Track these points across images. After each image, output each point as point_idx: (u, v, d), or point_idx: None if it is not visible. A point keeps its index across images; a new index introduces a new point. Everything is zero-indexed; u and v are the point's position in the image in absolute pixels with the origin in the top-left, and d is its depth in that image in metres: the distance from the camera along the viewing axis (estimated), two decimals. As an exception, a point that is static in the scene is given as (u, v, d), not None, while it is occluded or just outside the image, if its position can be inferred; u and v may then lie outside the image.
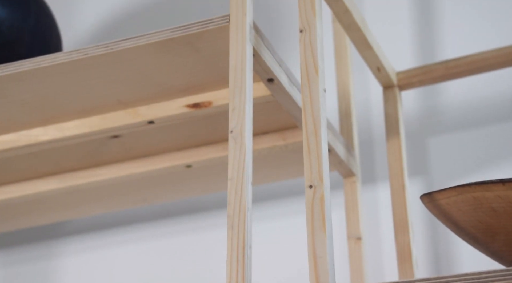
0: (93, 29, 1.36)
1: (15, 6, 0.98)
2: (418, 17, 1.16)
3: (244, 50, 0.78)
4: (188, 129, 0.97)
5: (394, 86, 1.01)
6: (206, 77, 0.89)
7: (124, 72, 0.87)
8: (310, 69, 0.77)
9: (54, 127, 0.94)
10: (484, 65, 0.96)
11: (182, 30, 0.82)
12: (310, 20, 0.78)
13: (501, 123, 1.06)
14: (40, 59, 0.84)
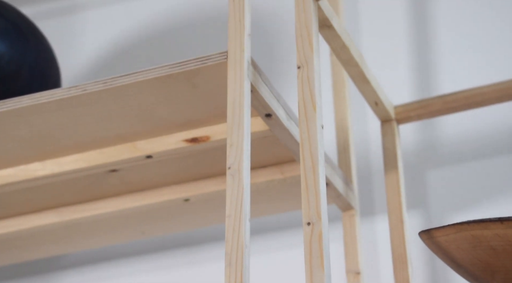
0: (92, 62, 1.36)
1: (14, 41, 0.99)
2: (416, 51, 1.16)
3: (242, 87, 0.78)
4: (186, 163, 0.97)
5: (392, 120, 1.01)
6: (204, 112, 0.89)
7: (122, 107, 0.87)
8: (308, 106, 0.77)
9: (52, 162, 0.94)
10: (482, 99, 0.97)
11: (180, 66, 0.82)
12: (307, 57, 0.79)
13: (499, 156, 1.06)
14: (38, 95, 0.84)
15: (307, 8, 0.80)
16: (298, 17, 0.81)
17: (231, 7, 0.82)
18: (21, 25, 1.00)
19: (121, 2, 1.40)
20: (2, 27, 0.98)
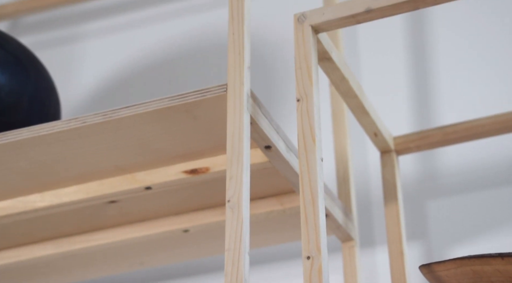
0: (92, 91, 1.37)
1: (14, 72, 0.99)
2: (415, 82, 1.16)
3: (241, 120, 0.78)
4: (185, 194, 0.97)
5: (391, 151, 1.01)
6: (203, 144, 0.89)
7: (122, 139, 0.87)
8: (308, 139, 0.77)
9: (51, 193, 0.93)
10: (482, 131, 0.97)
11: (180, 98, 0.82)
12: (307, 90, 0.79)
13: (500, 188, 1.06)
14: (38, 127, 0.84)
15: (306, 41, 0.81)
16: (297, 50, 0.81)
17: (230, 39, 0.82)
18: (21, 56, 1.01)
19: (121, 32, 1.40)
20: (2, 59, 0.98)
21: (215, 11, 1.36)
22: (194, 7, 1.38)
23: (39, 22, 1.46)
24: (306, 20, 0.81)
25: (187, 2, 1.39)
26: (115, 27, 1.41)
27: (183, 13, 1.38)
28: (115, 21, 1.42)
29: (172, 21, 1.38)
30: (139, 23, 1.40)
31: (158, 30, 1.38)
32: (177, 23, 1.38)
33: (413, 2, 0.75)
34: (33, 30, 1.46)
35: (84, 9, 1.44)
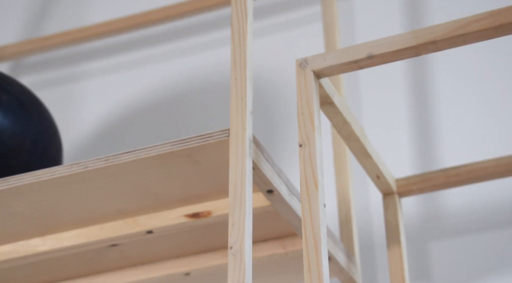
0: (93, 130, 1.37)
1: (17, 115, 0.99)
2: (417, 124, 1.16)
3: (244, 165, 0.78)
4: (186, 237, 0.96)
5: (393, 193, 1.01)
6: (205, 188, 0.89)
7: (123, 183, 0.87)
8: (310, 184, 0.77)
9: (53, 238, 0.93)
10: (484, 174, 0.96)
11: (182, 143, 0.82)
12: (309, 135, 0.79)
13: (503, 229, 1.05)
14: (40, 172, 0.84)
15: (308, 86, 0.81)
16: (299, 95, 0.81)
17: (233, 85, 0.82)
18: (23, 98, 1.01)
19: (122, 72, 1.41)
20: (5, 102, 0.99)
21: (216, 50, 1.37)
22: (196, 47, 1.38)
23: (41, 62, 1.47)
24: (308, 65, 0.81)
25: (188, 42, 1.39)
26: (117, 66, 1.42)
27: (184, 52, 1.39)
28: (116, 60, 1.43)
29: (173, 60, 1.39)
30: (140, 63, 1.41)
31: (159, 69, 1.38)
32: (178, 63, 1.38)
33: (415, 49, 0.75)
34: (34, 70, 1.46)
35: (85, 49, 1.45)
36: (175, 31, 1.41)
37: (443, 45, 0.74)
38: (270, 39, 1.32)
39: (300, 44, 1.30)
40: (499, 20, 0.68)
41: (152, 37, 1.42)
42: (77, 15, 1.48)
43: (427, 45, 0.74)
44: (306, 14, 1.33)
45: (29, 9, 1.53)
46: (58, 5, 1.51)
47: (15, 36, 1.49)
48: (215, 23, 1.39)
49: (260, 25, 1.33)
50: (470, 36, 0.71)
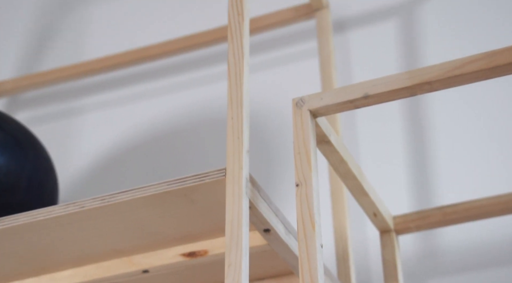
0: (89, 166, 1.36)
1: (13, 153, 0.99)
2: (414, 161, 1.16)
3: (240, 205, 0.78)
4: (183, 276, 0.95)
5: (391, 230, 1.01)
6: (201, 227, 0.88)
7: (119, 222, 0.86)
8: (307, 225, 0.77)
9: (48, 277, 0.92)
10: (482, 212, 0.96)
11: (178, 183, 0.82)
12: (306, 175, 0.79)
13: (500, 268, 1.05)
14: (35, 212, 0.84)
15: (305, 125, 0.81)
16: (296, 134, 0.81)
17: (229, 124, 0.82)
18: (19, 136, 1.01)
19: (118, 107, 1.41)
20: (1, 140, 0.98)
21: (213, 85, 1.37)
22: (192, 82, 1.39)
23: (37, 97, 1.47)
24: (304, 104, 0.81)
25: (185, 76, 1.40)
26: (113, 101, 1.42)
27: (181, 87, 1.39)
28: (112, 95, 1.43)
29: (170, 95, 1.39)
30: (136, 98, 1.41)
31: (155, 105, 1.38)
32: (175, 97, 1.38)
33: (410, 89, 0.75)
34: (31, 105, 1.47)
35: (82, 84, 1.45)
36: (171, 66, 1.41)
37: (439, 86, 0.74)
38: (267, 75, 1.33)
39: (296, 79, 1.30)
40: (494, 61, 0.69)
41: (148, 72, 1.42)
42: (74, 50, 1.48)
43: (422, 85, 0.74)
44: (302, 49, 1.34)
45: (25, 45, 1.53)
46: (55, 41, 1.51)
47: (12, 72, 1.50)
48: (211, 58, 1.39)
49: (255, 60, 1.34)
50: (465, 77, 0.71)
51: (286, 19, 1.30)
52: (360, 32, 1.30)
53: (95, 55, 1.44)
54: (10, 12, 1.58)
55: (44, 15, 1.55)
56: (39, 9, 1.56)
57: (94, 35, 1.49)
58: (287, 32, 1.36)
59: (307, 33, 1.34)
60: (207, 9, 1.42)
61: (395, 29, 1.28)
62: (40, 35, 1.53)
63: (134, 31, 1.46)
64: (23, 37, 1.54)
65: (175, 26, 1.42)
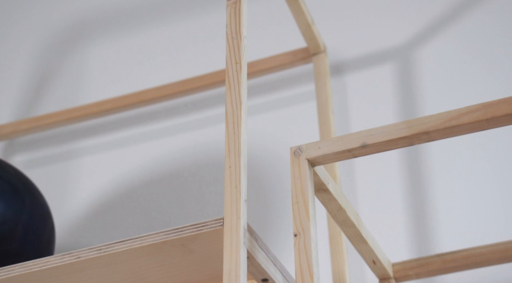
0: (86, 210, 1.36)
1: (9, 200, 0.98)
2: (413, 208, 1.16)
3: (238, 255, 0.77)
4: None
5: (390, 278, 1.00)
6: (199, 276, 0.87)
7: (116, 273, 0.85)
8: (305, 275, 0.76)
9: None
10: (481, 260, 0.95)
11: (176, 232, 0.81)
12: (304, 225, 0.78)
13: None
14: (31, 263, 0.83)
15: (303, 174, 0.81)
16: (294, 183, 0.81)
17: (227, 173, 0.82)
18: (16, 184, 1.00)
19: (115, 150, 1.41)
20: (-2, 188, 0.98)
21: (210, 128, 1.37)
22: (189, 125, 1.39)
23: (35, 140, 1.47)
24: (302, 153, 0.81)
25: (182, 119, 1.40)
26: (110, 144, 1.42)
27: (179, 130, 1.39)
28: (109, 138, 1.43)
29: (168, 138, 1.39)
30: (133, 141, 1.41)
31: (152, 147, 1.38)
32: (173, 140, 1.38)
33: (408, 139, 0.75)
34: (28, 149, 1.46)
35: (79, 127, 1.45)
36: (168, 109, 1.42)
37: (436, 136, 0.74)
38: (264, 118, 1.33)
39: (294, 123, 1.30)
40: (491, 113, 0.69)
41: (145, 115, 1.42)
42: (71, 94, 1.49)
43: (420, 135, 0.74)
44: (300, 92, 1.34)
45: (22, 89, 1.53)
46: (52, 85, 1.52)
47: (10, 116, 1.50)
48: (208, 101, 1.40)
49: (253, 103, 1.34)
50: (462, 127, 0.72)
51: (284, 63, 1.31)
52: (357, 75, 1.31)
53: (93, 99, 1.44)
54: (7, 57, 1.59)
55: (41, 60, 1.56)
56: (36, 54, 1.57)
57: (92, 79, 1.49)
58: (284, 74, 1.36)
59: (304, 75, 1.35)
60: (205, 53, 1.42)
61: (391, 73, 1.29)
62: (38, 79, 1.54)
63: (132, 75, 1.46)
64: (21, 81, 1.54)
65: (172, 70, 1.43)
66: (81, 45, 1.54)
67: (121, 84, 1.45)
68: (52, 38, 1.57)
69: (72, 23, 1.57)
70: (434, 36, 1.28)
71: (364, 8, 1.35)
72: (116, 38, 1.52)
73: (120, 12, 1.55)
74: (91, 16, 1.56)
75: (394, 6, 1.34)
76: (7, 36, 1.61)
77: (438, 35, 1.28)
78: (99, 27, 1.54)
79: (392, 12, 1.33)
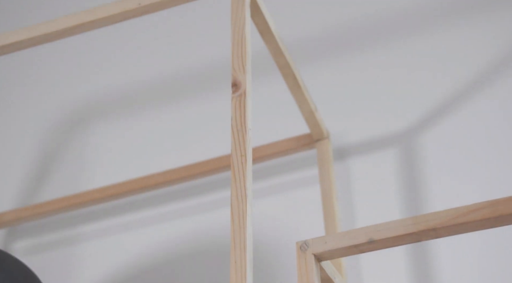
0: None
1: None
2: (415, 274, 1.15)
3: None
4: None
5: None
6: None
7: None
8: None
9: None
10: None
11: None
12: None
13: None
14: None
15: (309, 269, 0.80)
16: (300, 278, 0.80)
17: (232, 267, 0.81)
18: (18, 278, 0.99)
19: (119, 234, 1.40)
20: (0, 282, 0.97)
21: (214, 212, 1.37)
22: (192, 209, 1.38)
23: (37, 226, 1.46)
24: (308, 248, 0.81)
25: (185, 204, 1.39)
26: (113, 230, 1.41)
27: (182, 214, 1.38)
28: (112, 223, 1.42)
29: (171, 223, 1.38)
30: (134, 226, 1.40)
31: (155, 232, 1.37)
32: (176, 225, 1.37)
33: (415, 235, 0.75)
34: (30, 235, 1.46)
35: (81, 213, 1.44)
36: (171, 193, 1.41)
37: (444, 233, 0.73)
38: (267, 204, 1.33)
39: (298, 210, 1.30)
40: (499, 210, 0.69)
41: (147, 200, 1.42)
42: (73, 180, 1.49)
43: (427, 232, 0.74)
44: (303, 177, 1.34)
45: (24, 177, 1.53)
46: (54, 172, 1.52)
47: (11, 204, 1.49)
48: (211, 185, 1.39)
49: (256, 187, 1.34)
50: (470, 225, 0.71)
51: (287, 149, 1.31)
52: (361, 160, 1.31)
53: (95, 184, 1.44)
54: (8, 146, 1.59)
55: (43, 146, 1.56)
56: (38, 140, 1.57)
57: (94, 164, 1.49)
58: (288, 158, 1.37)
59: (308, 159, 1.35)
60: (209, 138, 1.43)
61: (395, 158, 1.29)
62: (40, 166, 1.54)
63: (135, 159, 1.46)
64: (22, 169, 1.54)
65: (175, 154, 1.43)
66: (83, 131, 1.55)
67: (124, 169, 1.45)
68: (53, 125, 1.58)
69: (73, 109, 1.58)
70: (438, 122, 1.29)
71: (367, 94, 1.36)
72: (119, 123, 1.53)
73: (122, 97, 1.56)
74: (93, 103, 1.58)
75: (397, 91, 1.35)
76: (8, 124, 1.62)
77: (443, 120, 1.29)
78: (101, 114, 1.55)
79: (395, 97, 1.35)
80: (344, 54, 1.41)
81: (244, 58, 0.92)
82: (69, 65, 1.64)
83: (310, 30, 1.46)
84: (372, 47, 1.40)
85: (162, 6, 1.01)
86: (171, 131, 1.47)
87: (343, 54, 1.42)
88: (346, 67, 1.40)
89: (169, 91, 1.52)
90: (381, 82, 1.36)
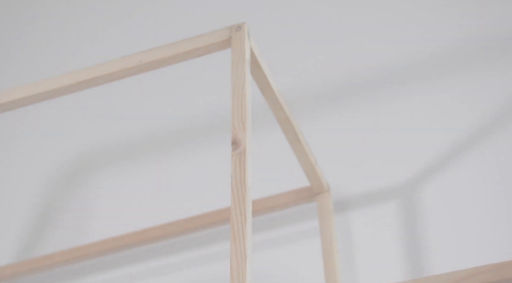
0: None
1: None
2: None
3: None
4: None
5: None
6: None
7: None
8: None
9: None
10: None
11: None
12: None
13: None
14: None
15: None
16: None
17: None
18: None
19: None
20: None
21: (214, 265, 1.36)
22: (193, 261, 1.37)
23: (36, 280, 1.45)
24: (309, 310, 0.80)
25: (185, 256, 1.39)
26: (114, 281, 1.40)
27: (182, 267, 1.38)
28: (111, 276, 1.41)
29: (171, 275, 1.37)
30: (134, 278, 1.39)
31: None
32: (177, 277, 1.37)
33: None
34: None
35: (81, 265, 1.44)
36: (171, 246, 1.41)
37: (446, 295, 0.73)
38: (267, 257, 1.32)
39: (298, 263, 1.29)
40: (501, 274, 0.68)
41: (148, 252, 1.41)
42: (72, 233, 1.48)
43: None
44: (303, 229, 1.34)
45: (22, 232, 1.53)
46: (53, 225, 1.51)
47: (10, 258, 1.48)
48: (211, 237, 1.39)
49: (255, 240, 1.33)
50: (472, 289, 0.70)
51: (288, 202, 1.31)
52: (361, 213, 1.31)
53: (95, 237, 1.43)
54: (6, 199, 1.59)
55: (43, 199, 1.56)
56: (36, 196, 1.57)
57: (93, 216, 1.49)
58: (288, 211, 1.36)
59: (309, 211, 1.34)
60: (209, 190, 1.43)
61: (396, 210, 1.28)
62: (38, 219, 1.54)
63: (134, 212, 1.46)
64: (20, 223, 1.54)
65: (175, 207, 1.42)
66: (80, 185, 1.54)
67: (123, 221, 1.44)
68: (50, 180, 1.58)
69: (71, 163, 1.58)
70: (439, 174, 1.29)
71: (367, 146, 1.37)
72: (119, 177, 1.52)
73: (122, 150, 1.56)
74: (91, 157, 1.58)
75: (397, 143, 1.35)
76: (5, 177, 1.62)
77: (444, 172, 1.29)
78: (99, 168, 1.55)
79: (395, 149, 1.35)
80: (343, 107, 1.42)
81: (244, 116, 0.92)
82: (68, 117, 1.65)
83: (310, 83, 1.47)
84: (371, 100, 1.40)
85: (163, 63, 1.02)
86: (171, 184, 1.47)
87: (343, 107, 1.42)
88: (346, 119, 1.40)
89: (168, 144, 1.53)
90: (381, 135, 1.36)
